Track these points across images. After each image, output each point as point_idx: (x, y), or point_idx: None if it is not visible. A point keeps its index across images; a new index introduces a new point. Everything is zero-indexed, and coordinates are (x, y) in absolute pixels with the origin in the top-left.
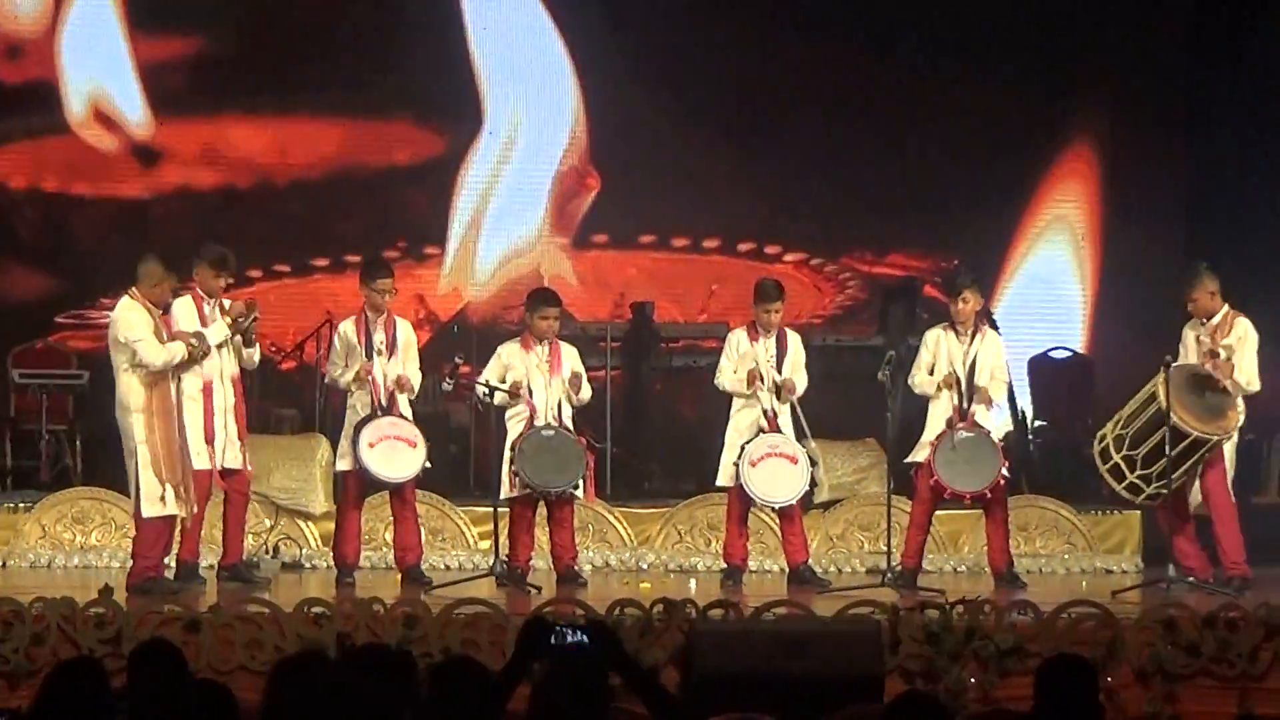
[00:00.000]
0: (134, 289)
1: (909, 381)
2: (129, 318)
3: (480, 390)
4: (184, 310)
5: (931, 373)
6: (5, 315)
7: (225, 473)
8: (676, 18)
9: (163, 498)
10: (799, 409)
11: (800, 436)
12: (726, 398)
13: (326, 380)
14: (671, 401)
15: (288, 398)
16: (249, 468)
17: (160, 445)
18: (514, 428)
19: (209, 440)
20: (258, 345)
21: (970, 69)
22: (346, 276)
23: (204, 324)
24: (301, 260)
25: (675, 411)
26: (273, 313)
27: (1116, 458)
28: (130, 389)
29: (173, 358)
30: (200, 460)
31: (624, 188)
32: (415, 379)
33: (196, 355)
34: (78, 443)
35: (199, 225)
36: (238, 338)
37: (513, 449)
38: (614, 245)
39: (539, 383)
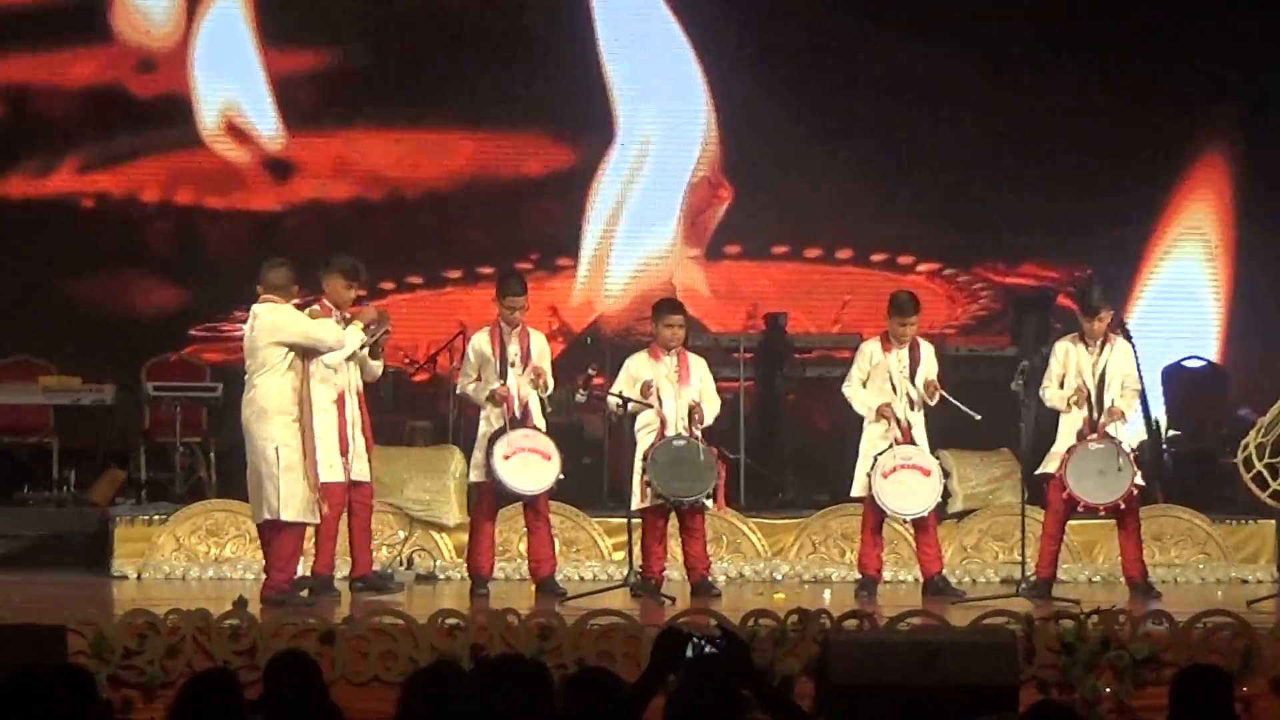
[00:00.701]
0: (268, 294)
1: (1040, 394)
2: (286, 315)
3: (613, 401)
4: None
5: (1062, 385)
6: (139, 328)
7: (353, 485)
8: (809, 28)
9: (305, 503)
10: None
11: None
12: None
13: (458, 392)
14: (805, 412)
15: (421, 409)
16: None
17: (302, 451)
18: (645, 438)
19: (343, 452)
20: (382, 358)
21: (1101, 79)
22: (479, 288)
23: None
24: (434, 272)
25: (808, 422)
26: (405, 324)
27: (1259, 465)
28: (273, 391)
29: (344, 342)
30: (334, 472)
31: (756, 199)
32: (550, 384)
33: (372, 338)
34: (212, 455)
35: (331, 237)
36: (363, 349)
37: (644, 459)
38: (747, 256)
39: (668, 393)
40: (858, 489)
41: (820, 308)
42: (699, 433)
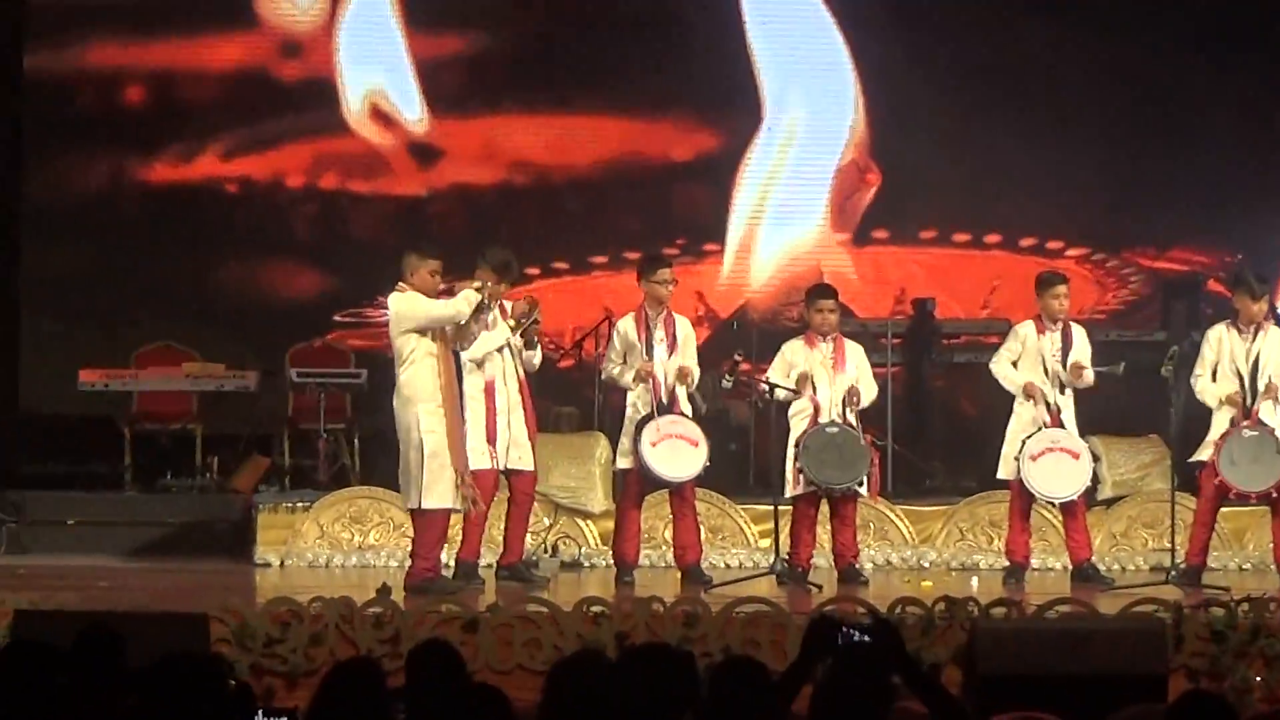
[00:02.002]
0: (401, 283)
1: (1191, 383)
2: (408, 303)
3: (763, 387)
4: None
5: (1215, 372)
6: (283, 314)
7: (511, 473)
8: (959, 8)
9: (448, 489)
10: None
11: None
12: (1009, 395)
13: (604, 377)
14: (953, 398)
15: (566, 395)
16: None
17: (446, 436)
18: (797, 424)
19: (490, 440)
20: (539, 348)
21: (1250, 60)
22: (625, 273)
23: (485, 326)
24: (580, 257)
25: (957, 408)
26: (551, 310)
27: None
28: (416, 378)
29: (461, 311)
30: (481, 460)
31: (904, 183)
32: (696, 373)
33: (485, 306)
34: (355, 442)
35: (476, 223)
36: (518, 338)
37: (797, 446)
38: (894, 241)
39: (823, 379)
40: (1005, 471)
41: (968, 293)
42: (853, 419)
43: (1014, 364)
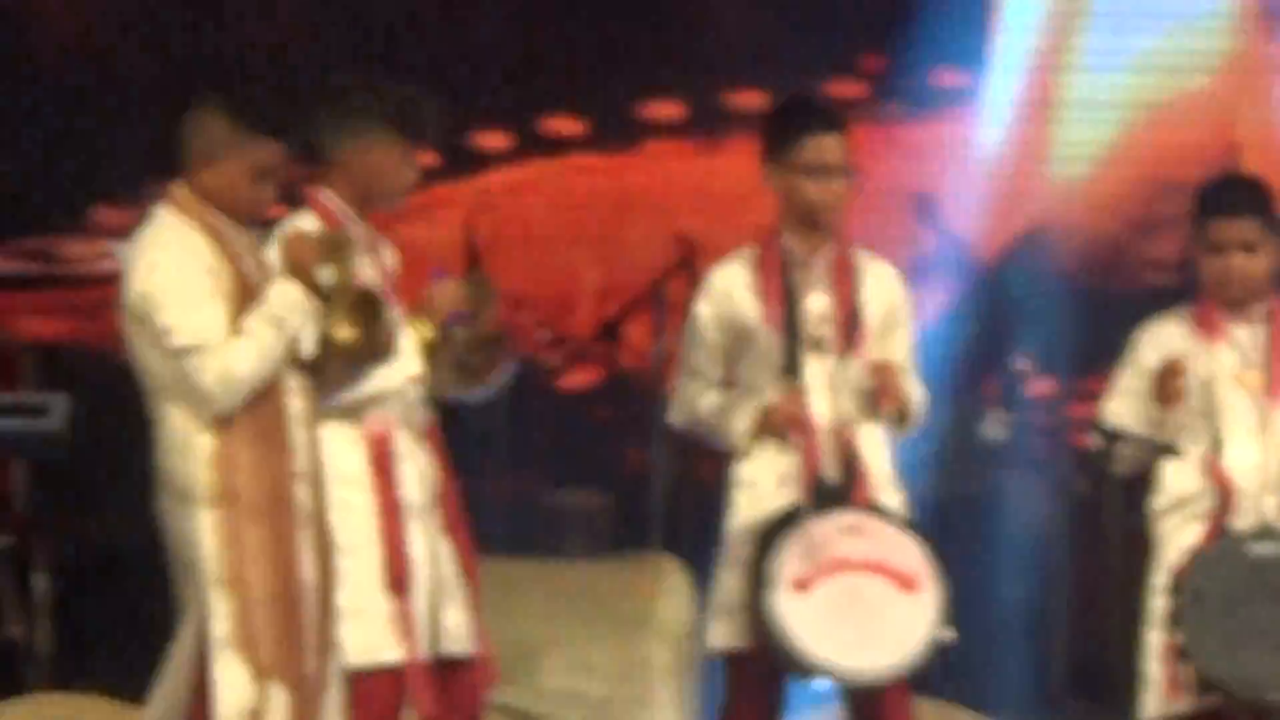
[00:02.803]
0: (175, 188)
1: None
2: (155, 263)
3: (1092, 440)
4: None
5: None
6: None
7: (439, 667)
8: None
9: (254, 710)
10: None
11: None
12: None
13: (677, 420)
14: None
15: (578, 458)
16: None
17: (258, 580)
18: (1178, 532)
19: (398, 586)
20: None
21: None
22: (729, 149)
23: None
24: (611, 107)
25: None
26: (527, 243)
27: None
28: (190, 438)
29: (263, 363)
30: (381, 643)
31: None
32: (915, 396)
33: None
34: (39, 576)
35: (326, 39)
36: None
37: (1179, 590)
38: None
39: (1240, 420)
40: None
41: None
42: None
43: None
